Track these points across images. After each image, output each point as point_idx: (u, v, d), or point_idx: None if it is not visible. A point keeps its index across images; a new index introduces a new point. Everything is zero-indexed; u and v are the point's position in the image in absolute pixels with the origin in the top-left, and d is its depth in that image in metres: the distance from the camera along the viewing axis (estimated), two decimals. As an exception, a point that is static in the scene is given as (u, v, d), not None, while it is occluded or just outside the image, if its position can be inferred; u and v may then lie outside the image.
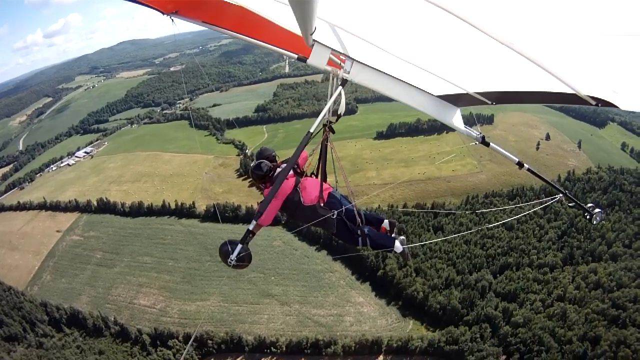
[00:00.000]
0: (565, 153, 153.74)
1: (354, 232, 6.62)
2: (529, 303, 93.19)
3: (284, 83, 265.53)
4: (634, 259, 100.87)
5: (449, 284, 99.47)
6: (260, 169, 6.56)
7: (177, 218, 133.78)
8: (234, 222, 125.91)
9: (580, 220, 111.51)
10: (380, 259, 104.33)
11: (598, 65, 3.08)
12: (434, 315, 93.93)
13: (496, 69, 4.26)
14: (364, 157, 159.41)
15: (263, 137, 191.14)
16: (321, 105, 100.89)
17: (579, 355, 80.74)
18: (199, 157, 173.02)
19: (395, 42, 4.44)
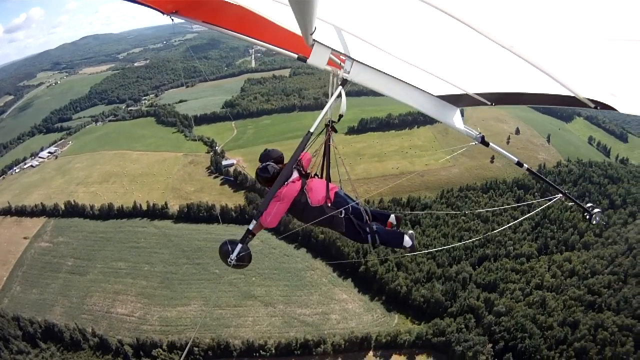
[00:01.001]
0: (535, 147, 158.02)
1: (363, 229, 6.64)
2: (509, 292, 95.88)
3: (251, 78, 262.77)
4: (605, 247, 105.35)
5: (431, 277, 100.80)
6: (267, 171, 6.32)
7: (149, 220, 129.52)
8: (209, 222, 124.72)
9: (552, 211, 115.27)
10: (360, 255, 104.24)
11: (597, 69, 3.11)
12: (418, 309, 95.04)
13: (496, 71, 4.27)
14: (337, 152, 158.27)
15: (232, 134, 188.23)
16: (290, 101, 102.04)
17: (560, 339, 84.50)
18: (167, 155, 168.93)
19: (395, 43, 4.45)
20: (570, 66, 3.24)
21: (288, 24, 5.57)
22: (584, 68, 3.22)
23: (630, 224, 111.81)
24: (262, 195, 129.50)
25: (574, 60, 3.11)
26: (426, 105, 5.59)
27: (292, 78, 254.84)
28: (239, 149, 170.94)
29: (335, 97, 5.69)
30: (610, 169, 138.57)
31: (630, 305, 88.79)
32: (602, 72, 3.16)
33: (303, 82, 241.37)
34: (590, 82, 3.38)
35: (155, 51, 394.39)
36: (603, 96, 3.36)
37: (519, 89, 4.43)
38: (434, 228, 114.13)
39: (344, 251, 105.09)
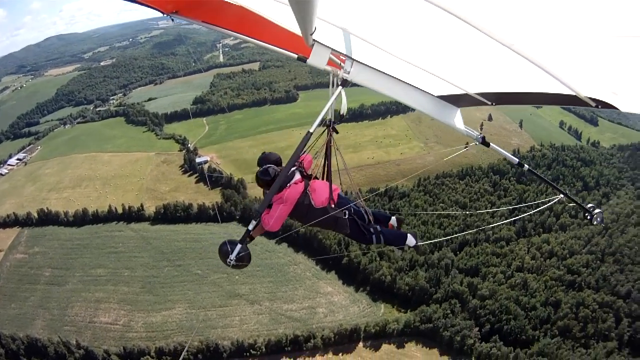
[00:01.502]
0: (508, 133, 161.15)
1: (367, 230, 6.68)
2: (491, 276, 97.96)
3: (221, 73, 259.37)
4: (581, 228, 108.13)
5: (414, 265, 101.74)
6: (268, 174, 6.26)
7: (126, 223, 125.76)
8: (186, 222, 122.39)
9: (529, 195, 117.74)
10: (343, 247, 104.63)
11: (598, 67, 3.09)
12: (403, 297, 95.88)
13: (496, 70, 4.27)
14: (310, 144, 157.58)
15: (204, 130, 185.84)
16: (261, 94, 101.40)
17: (543, 319, 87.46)
18: (139, 155, 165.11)
19: (395, 43, 4.46)
20: (571, 64, 3.21)
21: (288, 24, 5.58)
22: (584, 66, 3.20)
23: (604, 205, 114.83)
24: (239, 192, 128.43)
25: (574, 58, 3.09)
26: (426, 105, 5.59)
27: (261, 71, 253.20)
28: (211, 145, 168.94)
29: (335, 98, 5.62)
30: (582, 152, 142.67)
31: (608, 282, 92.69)
32: (603, 69, 3.13)
33: (273, 75, 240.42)
34: (591, 80, 3.35)
35: (121, 49, 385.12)
36: (604, 94, 3.34)
37: (519, 88, 4.43)
38: (413, 216, 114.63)
39: (325, 244, 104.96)
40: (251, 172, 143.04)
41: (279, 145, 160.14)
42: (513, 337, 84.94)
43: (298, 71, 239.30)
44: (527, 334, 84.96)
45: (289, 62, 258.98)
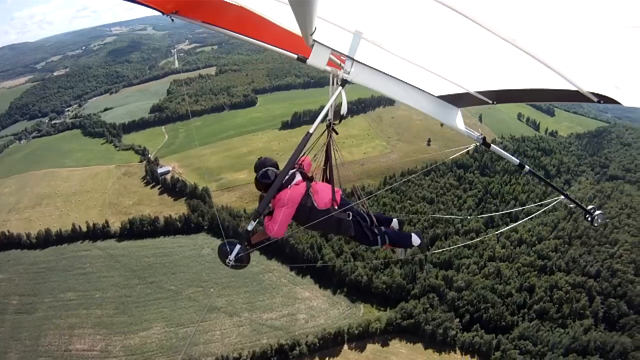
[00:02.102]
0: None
1: (372, 232, 6.60)
2: (464, 268, 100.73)
3: (177, 79, 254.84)
4: (547, 215, 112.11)
5: (388, 263, 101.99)
6: (268, 177, 6.13)
7: (91, 241, 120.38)
8: (154, 236, 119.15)
9: (493, 186, 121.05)
10: (316, 250, 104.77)
11: (600, 60, 3.06)
12: (381, 296, 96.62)
13: (497, 67, 4.29)
14: (273, 148, 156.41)
15: (164, 139, 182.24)
16: (219, 100, 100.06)
17: (520, 304, 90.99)
18: (99, 169, 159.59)
19: (396, 41, 4.44)
20: (572, 58, 3.17)
21: (288, 24, 5.58)
22: (586, 60, 3.15)
23: (566, 191, 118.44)
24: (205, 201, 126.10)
25: (575, 53, 3.04)
26: (427, 105, 5.57)
27: (218, 76, 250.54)
28: (172, 154, 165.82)
29: (335, 98, 5.47)
30: (542, 142, 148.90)
31: (578, 264, 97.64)
32: (604, 63, 3.08)
33: (230, 80, 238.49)
34: (593, 75, 3.32)
35: (74, 58, 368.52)
36: (606, 89, 3.30)
37: (520, 85, 4.42)
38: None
39: (298, 249, 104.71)
40: (214, 180, 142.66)
41: (241, 151, 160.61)
42: (493, 324, 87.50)
43: (255, 75, 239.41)
44: (506, 320, 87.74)
45: (245, 65, 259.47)
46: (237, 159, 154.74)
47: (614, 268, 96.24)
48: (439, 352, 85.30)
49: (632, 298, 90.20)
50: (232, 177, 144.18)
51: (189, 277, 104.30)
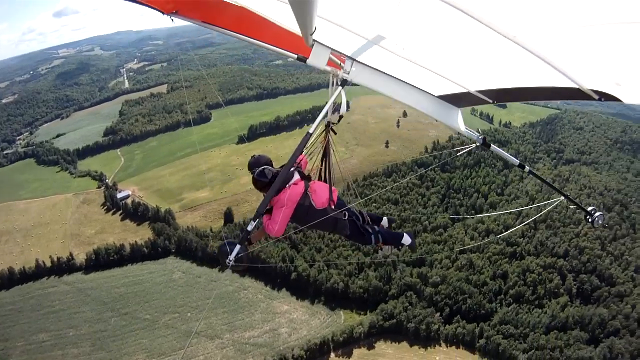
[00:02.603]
0: (424, 126, 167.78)
1: (366, 231, 6.75)
2: (437, 263, 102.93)
3: (129, 99, 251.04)
4: (510, 203, 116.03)
5: (362, 267, 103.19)
6: (265, 175, 6.11)
7: (57, 277, 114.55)
8: (121, 265, 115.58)
9: (455, 182, 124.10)
10: (288, 262, 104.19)
11: (600, 57, 3.09)
12: (359, 300, 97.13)
13: (497, 66, 4.32)
14: (233, 163, 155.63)
15: (120, 163, 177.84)
16: (173, 118, 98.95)
17: (496, 291, 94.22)
18: (57, 199, 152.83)
19: (395, 39, 4.41)
20: (573, 55, 3.19)
21: (288, 24, 5.50)
22: (587, 57, 3.16)
23: (525, 179, 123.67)
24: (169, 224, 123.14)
25: (576, 49, 3.05)
26: (427, 105, 5.60)
27: (170, 94, 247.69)
28: (130, 178, 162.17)
29: (335, 98, 5.49)
30: (497, 134, 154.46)
31: (546, 246, 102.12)
32: (605, 60, 3.08)
33: (183, 97, 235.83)
34: (593, 72, 3.33)
35: (22, 83, 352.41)
36: (607, 86, 3.30)
37: (520, 84, 4.41)
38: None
39: (270, 262, 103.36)
40: (176, 200, 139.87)
41: (200, 169, 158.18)
42: (473, 313, 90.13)
43: (207, 90, 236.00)
44: (485, 308, 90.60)
45: (197, 81, 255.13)
46: (196, 177, 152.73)
47: (581, 246, 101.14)
48: (425, 348, 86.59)
49: (601, 272, 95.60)
50: (194, 196, 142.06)
51: (163, 303, 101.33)
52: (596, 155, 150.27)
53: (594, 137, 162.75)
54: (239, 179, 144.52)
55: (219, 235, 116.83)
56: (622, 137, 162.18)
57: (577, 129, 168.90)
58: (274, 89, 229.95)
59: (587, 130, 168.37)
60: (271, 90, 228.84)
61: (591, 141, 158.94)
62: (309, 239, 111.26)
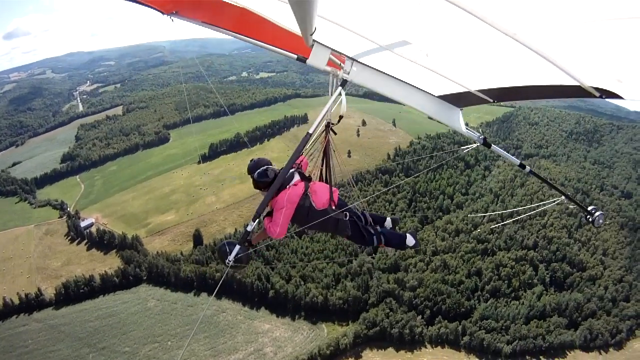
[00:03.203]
0: (384, 133, 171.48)
1: (368, 232, 6.53)
2: (412, 267, 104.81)
3: (84, 123, 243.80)
4: (475, 202, 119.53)
5: (339, 279, 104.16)
6: (267, 175, 6.18)
7: (27, 314, 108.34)
8: (92, 297, 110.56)
9: (420, 186, 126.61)
10: (264, 280, 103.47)
11: (601, 54, 3.06)
12: (340, 311, 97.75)
13: (498, 65, 4.29)
14: (196, 184, 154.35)
15: (80, 190, 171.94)
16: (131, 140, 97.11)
17: (473, 288, 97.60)
18: (18, 231, 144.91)
19: (395, 38, 4.39)
20: (574, 53, 3.19)
21: (288, 24, 5.52)
22: (588, 54, 3.15)
23: (487, 177, 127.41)
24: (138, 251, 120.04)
25: (577, 46, 3.05)
26: (427, 106, 5.63)
27: (126, 116, 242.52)
28: (92, 205, 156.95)
29: (335, 98, 5.50)
30: (456, 136, 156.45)
31: (515, 240, 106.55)
32: (606, 56, 3.07)
33: (139, 118, 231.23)
34: (595, 69, 3.35)
35: None
36: (608, 83, 3.34)
37: (521, 82, 4.44)
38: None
39: (246, 282, 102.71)
40: (142, 226, 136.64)
41: (163, 191, 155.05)
42: (453, 312, 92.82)
43: (164, 110, 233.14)
44: (464, 306, 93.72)
45: (152, 101, 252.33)
46: (160, 200, 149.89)
47: (549, 236, 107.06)
48: (411, 351, 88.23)
49: (571, 259, 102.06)
50: (160, 220, 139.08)
51: (141, 334, 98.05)
52: (553, 148, 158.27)
53: (550, 131, 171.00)
54: (204, 199, 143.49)
55: (190, 258, 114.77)
56: (576, 128, 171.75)
57: (533, 124, 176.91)
58: (231, 106, 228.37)
59: (542, 124, 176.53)
60: (228, 106, 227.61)
61: (547, 135, 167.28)
62: (282, 255, 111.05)
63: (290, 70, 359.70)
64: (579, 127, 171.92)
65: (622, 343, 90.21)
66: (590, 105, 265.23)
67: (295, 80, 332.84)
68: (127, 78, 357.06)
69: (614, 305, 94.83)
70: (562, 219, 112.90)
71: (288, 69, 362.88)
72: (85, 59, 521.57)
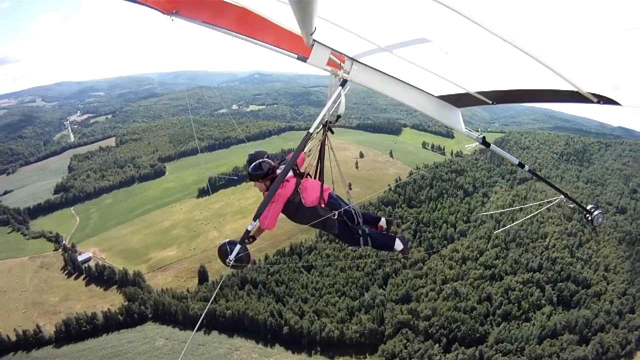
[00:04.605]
0: (382, 165, 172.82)
1: (356, 232, 6.58)
2: (424, 296, 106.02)
3: (77, 154, 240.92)
4: (478, 229, 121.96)
5: (353, 312, 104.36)
6: (261, 168, 6.41)
7: (25, 352, 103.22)
8: (95, 336, 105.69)
9: (424, 215, 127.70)
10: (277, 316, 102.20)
11: (600, 60, 3.11)
12: (357, 345, 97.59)
13: (497, 68, 4.34)
14: (197, 218, 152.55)
15: (75, 222, 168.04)
16: (127, 173, 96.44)
17: (485, 314, 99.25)
18: (11, 263, 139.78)
19: (396, 41, 4.45)
20: (572, 59, 3.26)
21: (288, 24, 5.62)
22: (586, 60, 3.21)
23: (487, 204, 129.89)
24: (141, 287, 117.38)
25: (576, 53, 3.11)
26: (427, 106, 5.71)
27: (120, 147, 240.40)
28: (89, 238, 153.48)
29: (335, 98, 5.57)
30: (452, 164, 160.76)
31: (521, 263, 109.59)
32: (605, 63, 3.14)
33: (133, 150, 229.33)
34: (592, 76, 3.42)
35: None
36: (606, 90, 3.42)
37: (520, 86, 4.51)
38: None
39: (258, 319, 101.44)
40: (143, 261, 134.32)
41: (163, 226, 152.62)
42: (468, 338, 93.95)
43: (158, 142, 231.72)
44: (478, 332, 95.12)
45: (145, 133, 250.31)
46: (161, 235, 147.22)
47: (552, 257, 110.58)
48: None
49: (575, 277, 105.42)
50: (161, 256, 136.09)
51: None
52: (547, 170, 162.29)
53: (541, 154, 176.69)
54: (206, 235, 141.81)
55: (197, 295, 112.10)
56: (566, 149, 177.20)
57: (524, 148, 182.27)
58: (226, 139, 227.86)
59: (534, 148, 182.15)
60: (223, 140, 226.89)
61: (539, 158, 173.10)
62: (292, 290, 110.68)
63: (280, 102, 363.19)
64: (569, 148, 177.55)
65: (633, 353, 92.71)
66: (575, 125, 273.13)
67: (286, 112, 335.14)
68: (118, 109, 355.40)
69: (620, 318, 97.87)
70: (564, 240, 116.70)
71: (278, 102, 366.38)
72: (75, 89, 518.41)
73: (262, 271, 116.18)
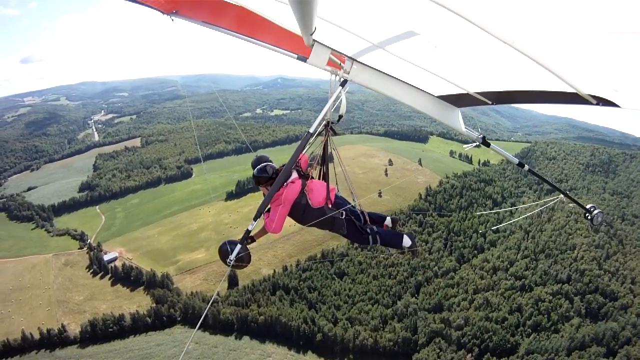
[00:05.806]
0: (412, 172, 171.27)
1: (364, 230, 6.60)
2: (455, 306, 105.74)
3: (103, 153, 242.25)
4: (507, 239, 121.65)
5: (386, 320, 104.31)
6: (266, 171, 6.41)
7: (49, 351, 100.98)
8: (122, 337, 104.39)
9: (454, 225, 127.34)
10: (310, 323, 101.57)
11: (599, 63, 3.13)
12: (390, 353, 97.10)
13: (497, 69, 4.33)
14: (225, 222, 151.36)
15: (101, 221, 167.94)
16: (153, 174, 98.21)
17: (516, 324, 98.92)
18: (35, 259, 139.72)
19: (396, 41, 4.43)
20: (572, 61, 3.27)
21: (288, 24, 5.63)
22: (585, 63, 3.23)
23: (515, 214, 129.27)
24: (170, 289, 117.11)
25: (575, 55, 3.12)
26: (427, 105, 5.69)
27: (145, 148, 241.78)
28: (114, 238, 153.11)
29: (335, 98, 5.58)
30: (481, 174, 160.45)
31: (550, 275, 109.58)
32: (604, 66, 3.15)
33: (159, 151, 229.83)
34: (592, 78, 3.44)
35: None
36: (605, 92, 3.44)
37: (520, 86, 4.52)
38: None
39: (290, 325, 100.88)
40: (171, 263, 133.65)
41: (191, 228, 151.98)
42: (500, 349, 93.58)
43: (184, 144, 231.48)
44: (509, 342, 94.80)
45: (171, 135, 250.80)
46: (189, 237, 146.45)
47: (581, 269, 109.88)
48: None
49: (603, 289, 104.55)
50: (190, 258, 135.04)
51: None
52: (573, 181, 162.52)
53: (567, 165, 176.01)
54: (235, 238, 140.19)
55: (228, 300, 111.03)
56: (592, 160, 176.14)
57: (551, 159, 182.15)
58: (252, 142, 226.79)
59: (560, 158, 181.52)
60: (250, 143, 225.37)
61: (565, 169, 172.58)
62: (325, 297, 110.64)
63: (304, 108, 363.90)
64: (595, 159, 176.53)
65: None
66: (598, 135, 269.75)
67: (310, 117, 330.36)
68: (142, 110, 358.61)
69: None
70: (592, 252, 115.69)
71: (302, 107, 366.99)
72: (99, 89, 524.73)
73: (294, 277, 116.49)
